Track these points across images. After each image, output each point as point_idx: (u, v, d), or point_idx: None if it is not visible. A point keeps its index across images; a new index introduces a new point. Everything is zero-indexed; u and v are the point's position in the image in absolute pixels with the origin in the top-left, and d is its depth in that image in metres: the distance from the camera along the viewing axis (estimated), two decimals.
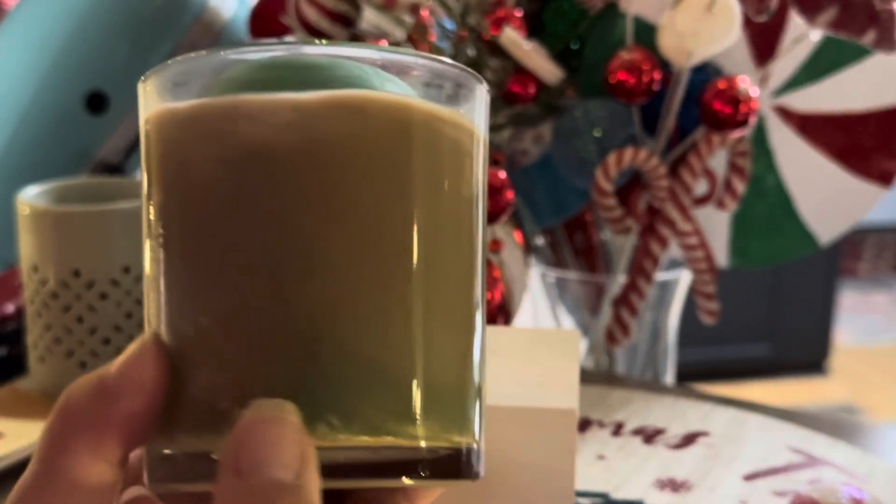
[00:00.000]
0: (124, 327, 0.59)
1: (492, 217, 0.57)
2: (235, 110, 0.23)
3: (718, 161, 0.63)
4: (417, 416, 0.23)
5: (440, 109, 0.24)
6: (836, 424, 0.58)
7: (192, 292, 0.23)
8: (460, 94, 0.25)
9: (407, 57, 0.25)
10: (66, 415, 0.23)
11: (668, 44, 0.57)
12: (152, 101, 0.25)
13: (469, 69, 0.25)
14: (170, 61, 0.25)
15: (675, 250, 0.65)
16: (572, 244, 0.70)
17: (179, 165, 0.24)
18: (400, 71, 0.24)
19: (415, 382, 0.23)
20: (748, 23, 0.60)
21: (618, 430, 0.57)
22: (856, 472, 0.51)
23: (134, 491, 0.25)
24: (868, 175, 0.65)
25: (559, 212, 0.67)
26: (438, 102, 0.25)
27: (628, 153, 0.59)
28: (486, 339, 0.26)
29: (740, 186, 0.62)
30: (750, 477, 0.51)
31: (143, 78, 0.25)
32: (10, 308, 0.68)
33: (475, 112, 0.26)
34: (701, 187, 0.63)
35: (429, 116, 0.24)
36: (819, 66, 0.63)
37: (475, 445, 0.25)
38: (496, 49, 0.61)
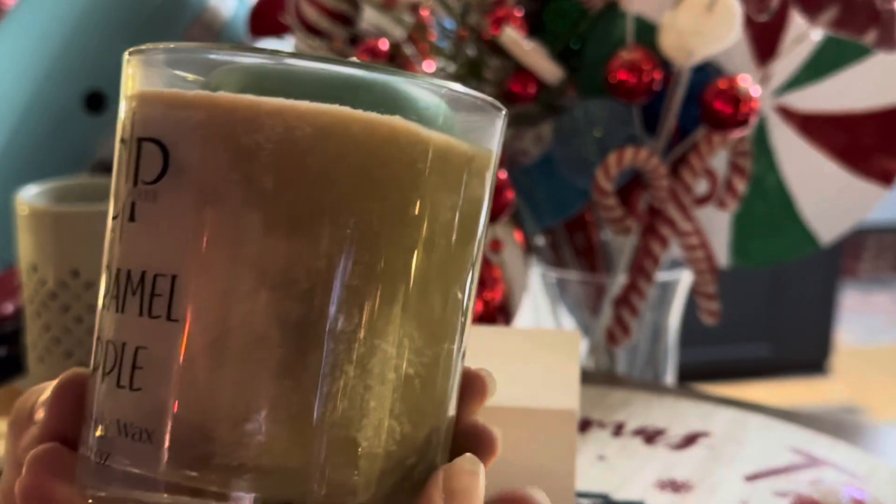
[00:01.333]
0: None
1: (492, 217, 0.57)
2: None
3: (719, 161, 0.63)
4: None
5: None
6: (837, 425, 0.58)
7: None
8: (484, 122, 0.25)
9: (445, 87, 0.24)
10: None
11: (668, 43, 0.57)
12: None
13: (492, 99, 0.25)
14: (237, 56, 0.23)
15: (675, 250, 0.64)
16: (573, 244, 0.70)
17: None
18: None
19: None
20: (749, 22, 0.60)
21: (618, 430, 0.56)
22: (857, 473, 0.51)
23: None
24: (869, 175, 0.64)
25: (559, 212, 0.66)
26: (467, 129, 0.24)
27: (629, 153, 0.59)
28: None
29: (741, 186, 0.62)
30: (751, 477, 0.51)
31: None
32: (9, 308, 0.68)
33: (495, 139, 0.25)
34: (702, 187, 0.63)
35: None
36: (820, 65, 0.63)
37: None
38: (496, 49, 0.61)
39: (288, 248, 0.21)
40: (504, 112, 0.25)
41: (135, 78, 0.23)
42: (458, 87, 0.23)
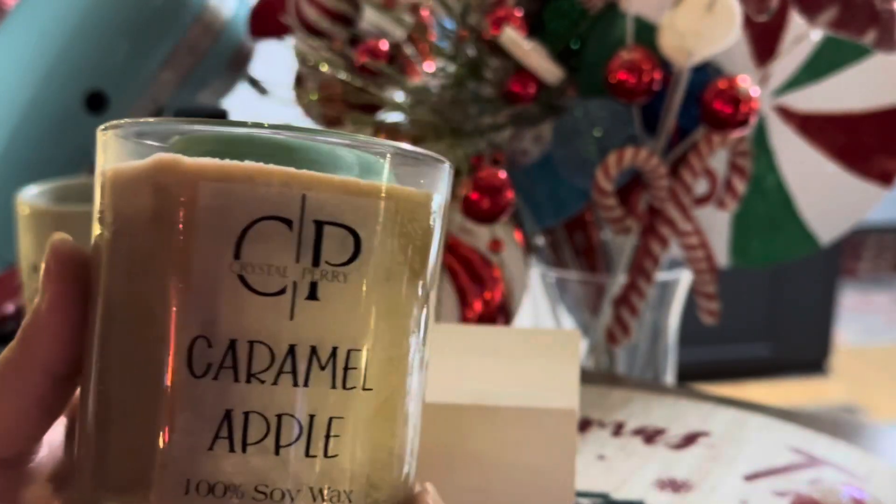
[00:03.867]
0: None
1: (492, 217, 0.57)
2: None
3: (719, 161, 0.63)
4: None
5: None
6: (837, 424, 0.58)
7: None
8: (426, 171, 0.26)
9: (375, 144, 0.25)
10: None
11: (668, 43, 0.57)
12: None
13: (435, 155, 0.26)
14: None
15: (675, 250, 0.64)
16: (572, 244, 0.70)
17: None
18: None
19: None
20: (748, 22, 0.60)
21: (618, 430, 0.56)
22: (856, 473, 0.51)
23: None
24: (868, 175, 0.64)
25: (559, 212, 0.67)
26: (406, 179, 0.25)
27: (628, 153, 0.59)
28: None
29: (741, 186, 0.62)
30: (750, 477, 0.51)
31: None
32: (9, 308, 0.68)
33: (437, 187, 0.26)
34: (701, 187, 0.63)
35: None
36: (819, 65, 0.63)
37: None
38: (496, 49, 0.61)
39: (422, 312, 0.25)
40: (447, 164, 0.27)
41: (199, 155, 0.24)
42: (403, 146, 0.26)
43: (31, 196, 0.60)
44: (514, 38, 0.60)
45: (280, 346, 0.23)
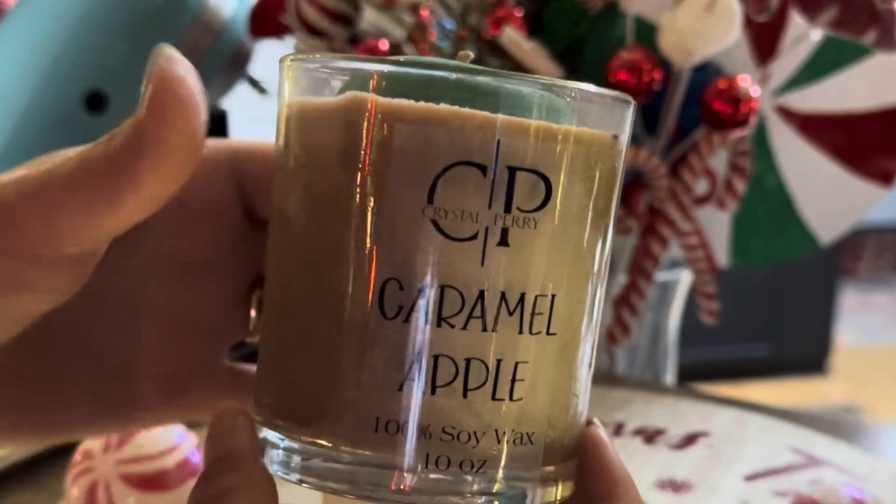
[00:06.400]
0: None
1: None
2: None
3: (719, 161, 0.63)
4: None
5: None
6: (837, 425, 0.58)
7: None
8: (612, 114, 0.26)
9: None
10: None
11: (668, 43, 0.57)
12: None
13: (622, 95, 0.26)
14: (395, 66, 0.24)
15: (675, 250, 0.64)
16: None
17: None
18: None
19: None
20: (749, 22, 0.60)
21: (618, 430, 0.56)
22: (856, 473, 0.51)
23: (230, 405, 0.25)
24: (869, 175, 0.64)
25: None
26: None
27: (629, 153, 0.59)
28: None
29: (741, 186, 0.62)
30: (751, 477, 0.51)
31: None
32: None
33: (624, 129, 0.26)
34: (701, 187, 0.63)
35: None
36: (820, 65, 0.63)
37: None
38: (496, 49, 0.61)
39: (604, 252, 0.25)
40: (633, 104, 0.26)
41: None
42: (591, 88, 0.25)
43: None
44: (514, 38, 0.60)
45: (471, 291, 0.23)
